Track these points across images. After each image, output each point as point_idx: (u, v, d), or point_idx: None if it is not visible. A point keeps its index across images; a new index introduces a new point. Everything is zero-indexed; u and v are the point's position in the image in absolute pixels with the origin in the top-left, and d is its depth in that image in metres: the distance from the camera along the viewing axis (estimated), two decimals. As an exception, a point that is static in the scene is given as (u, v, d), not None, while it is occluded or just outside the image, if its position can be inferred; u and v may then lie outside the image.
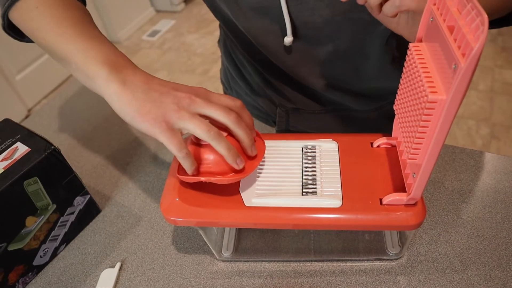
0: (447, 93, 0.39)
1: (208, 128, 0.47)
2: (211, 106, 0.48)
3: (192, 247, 0.63)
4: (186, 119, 0.47)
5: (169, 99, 0.48)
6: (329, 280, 0.57)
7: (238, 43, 0.74)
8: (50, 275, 0.63)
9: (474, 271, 0.56)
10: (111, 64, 0.49)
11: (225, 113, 0.48)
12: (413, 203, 0.49)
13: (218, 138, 0.47)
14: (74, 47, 0.52)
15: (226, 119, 0.48)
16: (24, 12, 0.56)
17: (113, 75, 0.48)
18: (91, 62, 0.50)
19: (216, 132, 0.47)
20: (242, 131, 0.49)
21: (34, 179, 0.58)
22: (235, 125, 0.49)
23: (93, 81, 0.50)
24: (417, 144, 0.44)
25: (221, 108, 0.48)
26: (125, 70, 0.49)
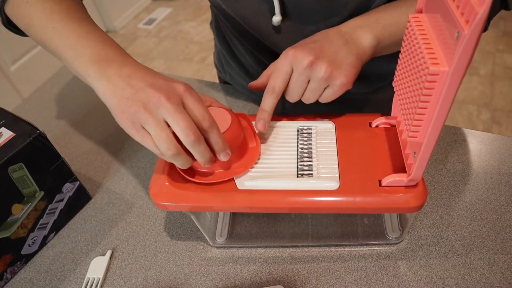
0: (450, 64, 0.36)
1: (168, 146, 0.44)
2: (174, 117, 0.44)
3: (185, 234, 0.61)
4: (150, 125, 0.44)
5: (140, 97, 0.45)
6: (327, 266, 0.55)
7: (229, 25, 0.72)
8: (39, 264, 0.61)
9: (477, 255, 0.54)
10: (98, 61, 0.48)
11: (184, 133, 0.44)
12: (413, 185, 0.47)
13: (176, 157, 0.45)
14: (65, 43, 0.50)
15: (184, 138, 0.44)
16: (16, 7, 0.55)
17: (100, 73, 0.47)
18: (80, 60, 0.49)
19: (174, 152, 0.44)
20: (197, 154, 0.46)
21: (19, 165, 0.56)
22: (191, 147, 0.45)
23: (84, 78, 0.49)
24: (417, 120, 0.42)
25: (184, 123, 0.44)
26: (112, 65, 0.48)
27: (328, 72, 0.49)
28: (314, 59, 0.49)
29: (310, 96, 0.52)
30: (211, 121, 0.46)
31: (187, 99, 0.46)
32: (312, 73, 0.50)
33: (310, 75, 0.50)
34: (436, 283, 0.52)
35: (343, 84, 0.51)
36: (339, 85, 0.51)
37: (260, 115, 0.53)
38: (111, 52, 0.49)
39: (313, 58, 0.49)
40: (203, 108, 0.46)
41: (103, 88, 0.47)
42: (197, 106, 0.46)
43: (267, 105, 0.52)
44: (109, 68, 0.47)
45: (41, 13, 0.52)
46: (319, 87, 0.51)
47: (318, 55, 0.49)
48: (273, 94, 0.52)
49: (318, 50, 0.50)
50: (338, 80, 0.50)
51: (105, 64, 0.48)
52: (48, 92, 0.91)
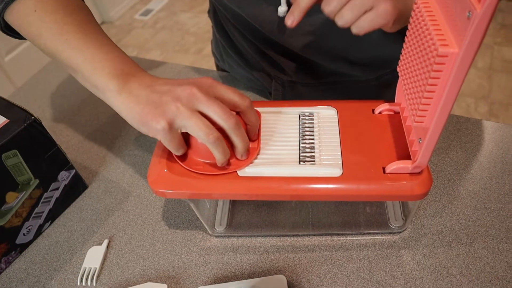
0: (460, 45, 0.35)
1: (208, 132, 0.43)
2: (211, 104, 0.44)
3: (183, 223, 0.60)
4: (184, 117, 0.43)
5: (169, 96, 0.44)
6: (329, 255, 0.54)
7: (228, 15, 0.70)
8: (34, 254, 0.60)
9: (481, 244, 0.53)
10: (118, 75, 0.47)
11: (225, 116, 0.44)
12: (418, 172, 0.46)
13: (216, 143, 0.44)
14: (80, 56, 0.49)
15: (224, 122, 0.44)
16: (22, 16, 0.52)
17: (121, 86, 0.47)
18: (99, 74, 0.48)
19: (215, 137, 0.44)
20: (238, 138, 0.46)
21: (14, 152, 0.54)
22: (232, 131, 0.45)
23: (103, 93, 0.48)
24: (424, 105, 0.41)
25: (222, 109, 0.44)
26: (132, 79, 0.47)
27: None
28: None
29: (349, 14, 0.46)
30: (249, 103, 0.47)
31: (217, 88, 0.46)
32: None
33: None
34: (439, 272, 0.51)
35: (387, 12, 0.45)
36: (383, 11, 0.45)
37: (293, 8, 0.48)
38: (129, 66, 0.49)
39: None
40: (236, 93, 0.47)
41: (124, 100, 0.46)
42: (231, 93, 0.46)
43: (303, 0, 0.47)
44: (130, 82, 0.47)
45: (52, 23, 0.50)
46: (363, 5, 0.45)
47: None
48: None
49: None
50: (384, 4, 0.45)
51: (126, 78, 0.47)
52: (43, 80, 0.89)
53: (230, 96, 0.46)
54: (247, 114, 0.48)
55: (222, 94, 0.46)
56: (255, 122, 0.49)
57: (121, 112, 0.47)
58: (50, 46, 0.51)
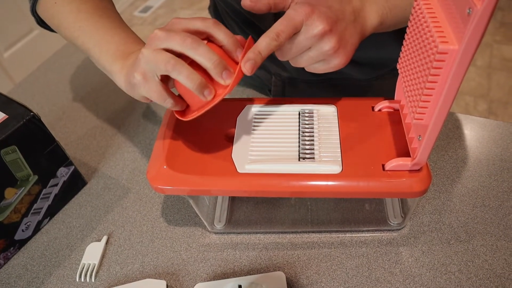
0: (460, 42, 0.35)
1: (166, 60, 0.42)
2: (167, 37, 0.43)
3: (182, 219, 0.60)
4: (148, 59, 0.43)
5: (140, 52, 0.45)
6: (328, 252, 0.54)
7: (229, 10, 0.70)
8: (33, 250, 0.60)
9: (480, 241, 0.53)
10: (120, 56, 0.50)
11: (180, 39, 0.42)
12: (417, 169, 0.46)
13: (176, 68, 0.42)
14: (90, 41, 0.52)
15: (180, 46, 0.42)
16: (46, 9, 0.57)
17: (121, 65, 0.49)
18: (105, 57, 0.51)
19: (174, 63, 0.42)
20: (200, 56, 0.43)
21: (13, 148, 0.54)
22: (192, 52, 0.42)
23: (110, 74, 0.51)
24: (424, 102, 0.41)
25: (177, 35, 0.42)
26: (131, 56, 0.49)
27: (335, 49, 0.45)
28: (327, 30, 0.44)
29: (302, 62, 0.47)
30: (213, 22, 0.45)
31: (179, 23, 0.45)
32: (318, 43, 0.45)
33: (315, 44, 0.45)
34: (438, 269, 0.51)
35: (340, 65, 0.47)
36: (336, 65, 0.47)
37: (250, 55, 0.44)
38: (133, 46, 0.51)
39: (327, 29, 0.44)
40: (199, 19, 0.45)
41: (123, 76, 0.48)
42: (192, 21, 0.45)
43: (264, 47, 0.44)
44: (129, 59, 0.49)
45: (69, 12, 0.54)
46: (316, 58, 0.47)
47: (332, 27, 0.45)
48: (276, 41, 0.44)
49: (333, 20, 0.45)
50: (338, 59, 0.46)
51: (126, 57, 0.49)
52: (42, 76, 0.89)
53: (191, 25, 0.44)
54: (215, 34, 0.45)
55: (186, 26, 0.45)
56: (227, 39, 0.45)
57: (122, 88, 0.49)
58: (68, 34, 0.55)
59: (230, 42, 0.45)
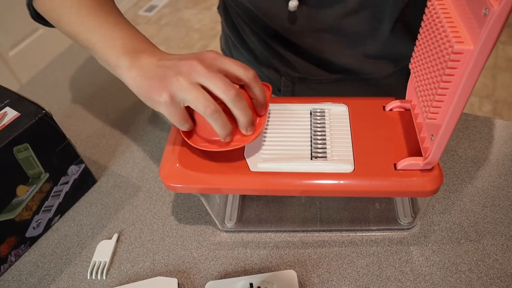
0: (475, 42, 0.35)
1: (206, 104, 0.43)
2: (210, 77, 0.44)
3: (193, 218, 0.60)
4: (184, 88, 0.44)
5: (172, 70, 0.45)
6: (338, 251, 0.54)
7: (239, 10, 0.70)
8: (44, 247, 0.60)
9: (490, 241, 0.53)
10: (129, 53, 0.49)
11: (224, 88, 0.43)
12: (429, 168, 0.46)
13: (215, 115, 0.44)
14: (94, 37, 0.51)
15: (224, 94, 0.44)
16: (44, 2, 0.56)
17: (131, 63, 0.48)
18: (111, 53, 0.49)
19: (213, 109, 0.43)
20: (239, 110, 0.45)
21: (25, 146, 0.55)
22: (232, 103, 0.44)
23: (115, 70, 0.50)
24: (438, 102, 0.41)
25: (221, 80, 0.44)
26: (141, 55, 0.48)
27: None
28: None
29: None
30: (253, 75, 0.46)
31: (220, 61, 0.46)
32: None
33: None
34: (449, 269, 0.51)
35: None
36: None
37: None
38: (140, 43, 0.50)
39: None
40: (241, 65, 0.46)
41: (134, 76, 0.47)
42: (234, 66, 0.46)
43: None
44: (140, 58, 0.48)
45: (70, 7, 0.53)
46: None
47: None
48: None
49: None
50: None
51: (136, 55, 0.48)
52: (50, 75, 0.90)
53: (233, 69, 0.46)
54: (252, 87, 0.47)
55: (225, 67, 0.46)
56: (261, 95, 0.48)
57: (131, 87, 0.48)
58: (69, 29, 0.54)
59: (261, 100, 0.48)
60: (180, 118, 0.46)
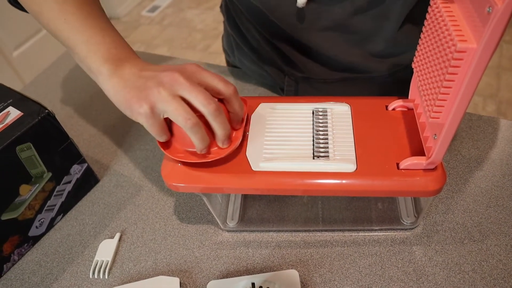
0: (478, 41, 0.35)
1: (186, 116, 0.43)
2: (191, 90, 0.44)
3: (195, 217, 0.60)
4: (165, 101, 0.43)
5: (153, 81, 0.45)
6: (341, 251, 0.54)
7: (243, 8, 0.70)
8: (46, 247, 0.60)
9: (494, 241, 0.53)
10: (111, 60, 0.48)
11: (205, 101, 0.44)
12: (432, 168, 0.46)
13: (194, 128, 0.44)
14: (77, 37, 0.50)
15: (204, 108, 0.44)
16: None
17: (113, 71, 0.47)
18: (93, 58, 0.48)
19: (193, 122, 0.44)
20: (218, 124, 0.45)
21: (28, 145, 0.55)
22: (211, 117, 0.45)
23: (96, 76, 0.49)
24: (441, 100, 0.40)
25: (202, 94, 0.44)
26: (124, 64, 0.48)
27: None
28: None
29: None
30: (233, 90, 0.47)
31: (201, 74, 0.46)
32: None
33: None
34: (452, 269, 0.51)
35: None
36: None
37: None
38: (124, 52, 0.50)
39: None
40: (221, 80, 0.46)
41: (114, 84, 0.47)
42: (215, 80, 0.46)
43: None
44: (122, 67, 0.48)
45: (53, 3, 0.51)
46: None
47: None
48: None
49: None
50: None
51: (118, 63, 0.48)
52: (54, 75, 0.90)
53: (214, 83, 0.46)
54: (231, 102, 0.47)
55: (206, 81, 0.46)
56: (239, 110, 0.48)
57: (110, 95, 0.48)
58: (50, 25, 0.51)
59: (239, 114, 0.49)
60: (159, 130, 0.46)
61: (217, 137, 0.47)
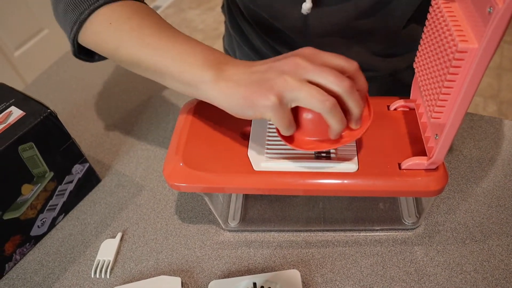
0: (480, 41, 0.35)
1: (323, 99, 0.40)
2: (321, 71, 0.41)
3: (196, 217, 0.60)
4: (294, 88, 0.40)
5: (272, 72, 0.42)
6: (342, 251, 0.54)
7: (246, 13, 0.70)
8: (48, 246, 0.60)
9: (496, 242, 0.53)
10: (212, 66, 0.45)
11: (338, 79, 0.40)
12: (434, 168, 0.46)
13: (334, 110, 0.40)
14: (168, 56, 0.47)
15: (339, 87, 0.40)
16: (97, 32, 0.51)
17: (217, 75, 0.44)
18: (193, 69, 0.45)
19: (332, 103, 0.40)
20: (354, 102, 0.42)
21: (30, 145, 0.55)
22: (347, 95, 0.41)
23: (196, 87, 0.46)
24: (442, 101, 0.41)
25: (333, 73, 0.41)
26: (226, 66, 0.45)
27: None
28: None
29: None
30: (357, 66, 0.43)
31: (321, 56, 0.43)
32: None
33: None
34: (453, 269, 0.51)
35: None
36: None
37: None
38: (220, 56, 0.47)
39: None
40: (342, 57, 0.43)
41: (223, 88, 0.44)
42: (336, 58, 0.43)
43: None
44: (225, 69, 0.45)
45: (130, 31, 0.49)
46: None
47: None
48: None
49: None
50: None
51: (220, 67, 0.45)
52: (55, 74, 0.90)
53: (336, 62, 0.43)
54: (356, 79, 0.43)
55: (328, 60, 0.43)
56: (364, 86, 0.45)
57: (220, 101, 0.45)
58: (132, 54, 0.49)
59: (365, 91, 0.45)
60: (288, 121, 0.43)
61: (353, 116, 0.44)
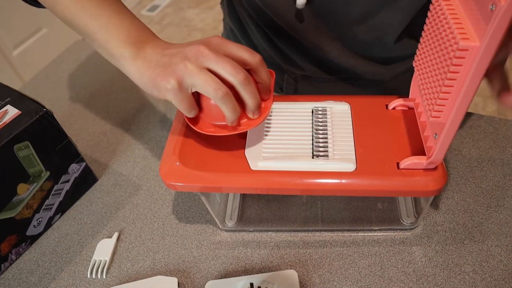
0: (481, 39, 0.35)
1: (216, 87, 0.42)
2: (219, 60, 0.43)
3: (193, 217, 0.60)
4: (193, 74, 0.43)
5: (178, 57, 0.44)
6: (340, 251, 0.54)
7: (246, 4, 0.69)
8: (44, 246, 0.60)
9: (495, 242, 0.53)
10: (133, 43, 0.47)
11: (233, 71, 0.43)
12: (433, 168, 0.46)
13: (225, 98, 0.43)
14: (96, 23, 0.49)
15: (233, 78, 0.43)
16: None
17: (135, 53, 0.47)
18: (114, 42, 0.48)
19: (224, 92, 0.43)
20: (248, 93, 0.45)
21: (25, 144, 0.54)
22: (241, 86, 0.44)
23: (118, 60, 0.48)
24: (442, 99, 0.40)
25: (230, 64, 0.43)
26: (146, 45, 0.47)
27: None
28: None
29: None
30: (259, 59, 0.46)
31: (226, 46, 0.45)
32: None
33: None
34: (452, 269, 0.51)
35: None
36: None
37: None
38: (144, 33, 0.49)
39: None
40: (247, 50, 0.45)
41: (138, 67, 0.46)
42: (241, 50, 0.45)
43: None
44: (144, 48, 0.47)
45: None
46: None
47: None
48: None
49: None
50: None
51: (140, 45, 0.47)
52: (52, 74, 0.89)
53: (240, 53, 0.45)
54: (258, 72, 0.46)
55: (232, 51, 0.45)
56: (267, 79, 0.47)
57: (134, 78, 0.47)
58: (67, 13, 0.51)
59: (267, 83, 0.48)
60: (188, 105, 0.45)
61: (248, 107, 0.46)
